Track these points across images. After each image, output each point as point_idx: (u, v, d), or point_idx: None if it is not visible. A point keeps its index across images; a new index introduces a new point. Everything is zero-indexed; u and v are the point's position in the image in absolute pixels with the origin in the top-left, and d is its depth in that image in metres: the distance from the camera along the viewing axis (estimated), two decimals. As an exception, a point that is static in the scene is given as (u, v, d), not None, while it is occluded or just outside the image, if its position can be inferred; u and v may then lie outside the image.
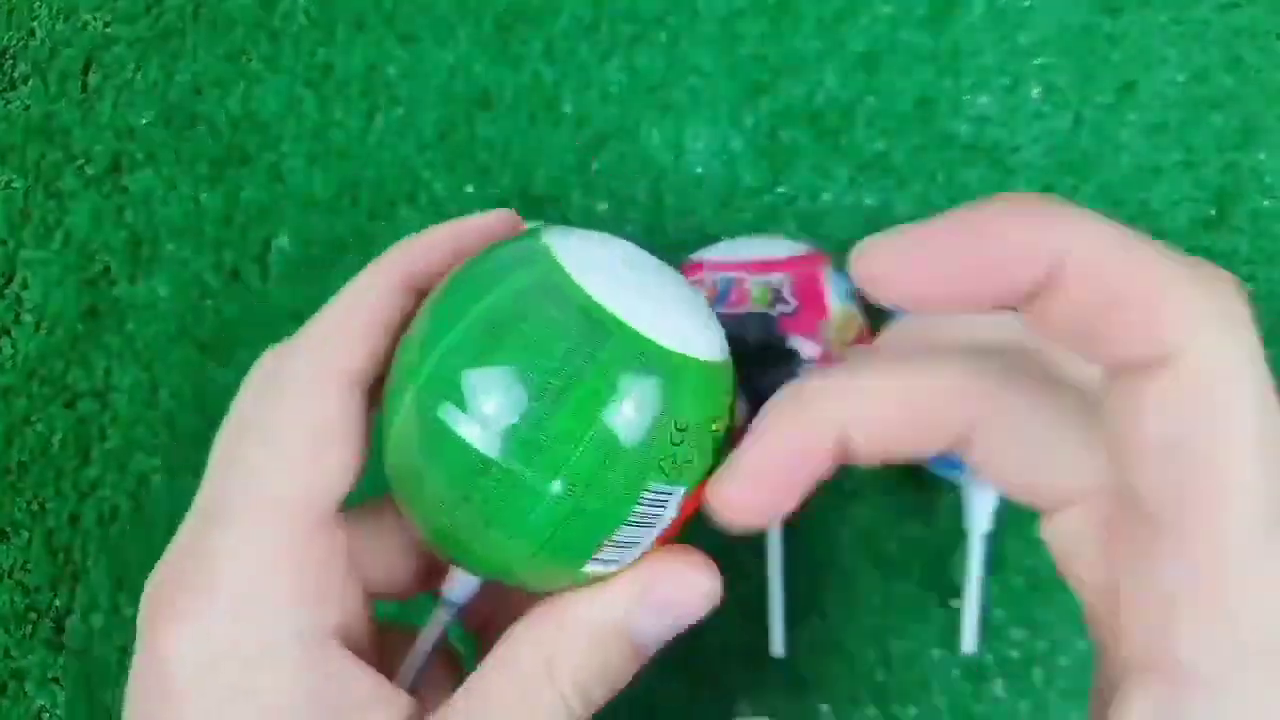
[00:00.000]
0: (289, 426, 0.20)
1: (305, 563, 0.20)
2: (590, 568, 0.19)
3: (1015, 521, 0.34)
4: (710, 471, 0.19)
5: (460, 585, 0.21)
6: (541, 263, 0.18)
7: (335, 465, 0.20)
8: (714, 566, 0.19)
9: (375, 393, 0.21)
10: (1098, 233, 0.14)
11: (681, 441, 0.18)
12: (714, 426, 0.19)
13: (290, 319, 0.39)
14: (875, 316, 0.33)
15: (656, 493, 0.18)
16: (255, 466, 0.20)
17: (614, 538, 0.18)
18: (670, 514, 0.19)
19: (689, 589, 0.19)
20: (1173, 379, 0.13)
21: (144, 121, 0.41)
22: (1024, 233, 0.14)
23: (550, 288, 0.18)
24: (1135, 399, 0.14)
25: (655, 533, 0.19)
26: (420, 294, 0.21)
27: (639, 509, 0.18)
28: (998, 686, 0.34)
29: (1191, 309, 0.14)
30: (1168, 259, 0.14)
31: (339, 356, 0.20)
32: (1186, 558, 0.13)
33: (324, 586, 0.20)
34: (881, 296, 0.16)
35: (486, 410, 0.17)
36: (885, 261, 0.15)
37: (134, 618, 0.19)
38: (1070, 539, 0.17)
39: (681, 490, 0.18)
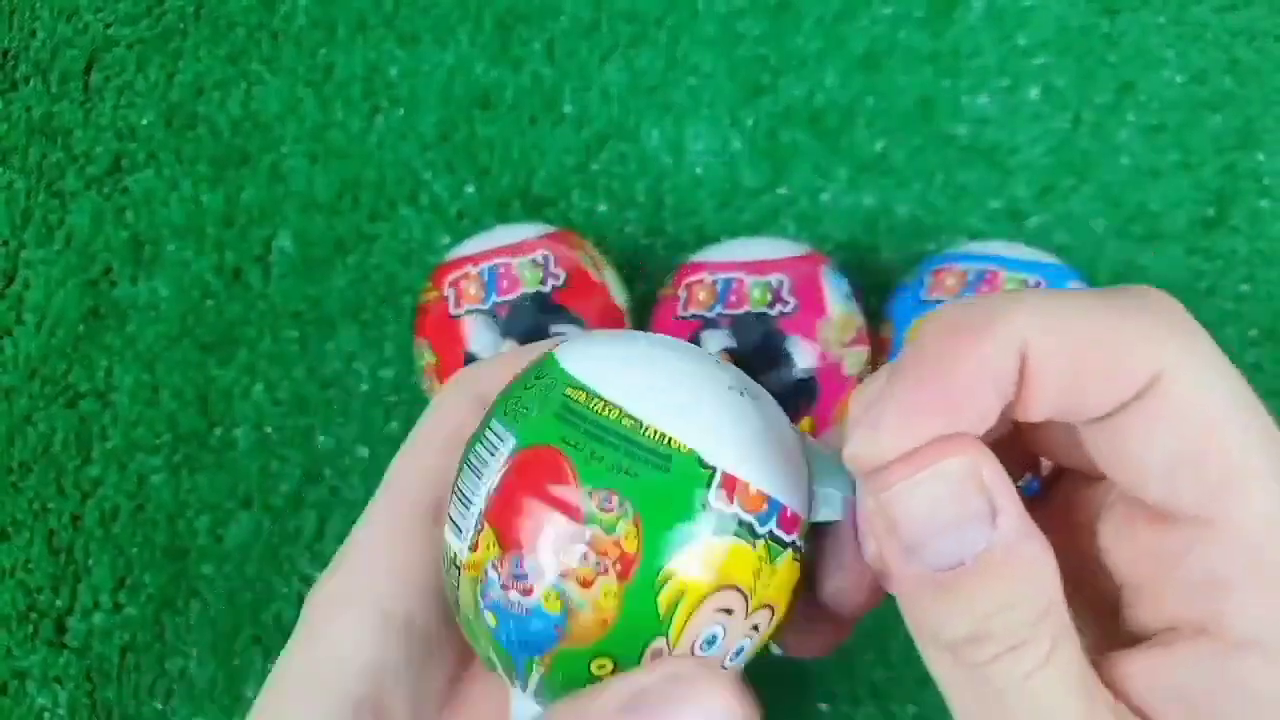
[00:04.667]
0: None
1: None
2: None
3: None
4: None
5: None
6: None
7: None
8: (745, 696, 0.16)
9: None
10: (1040, 309, 0.15)
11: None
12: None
13: (291, 319, 0.39)
14: (874, 317, 0.33)
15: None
16: None
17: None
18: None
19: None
20: (1162, 402, 0.14)
21: (145, 122, 0.41)
22: (978, 361, 0.15)
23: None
24: (1130, 429, 0.15)
25: None
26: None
27: None
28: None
29: (1151, 339, 0.14)
30: (1109, 303, 0.15)
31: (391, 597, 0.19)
32: (1221, 546, 0.15)
33: None
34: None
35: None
36: (874, 450, 0.15)
37: (135, 617, 0.19)
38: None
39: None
